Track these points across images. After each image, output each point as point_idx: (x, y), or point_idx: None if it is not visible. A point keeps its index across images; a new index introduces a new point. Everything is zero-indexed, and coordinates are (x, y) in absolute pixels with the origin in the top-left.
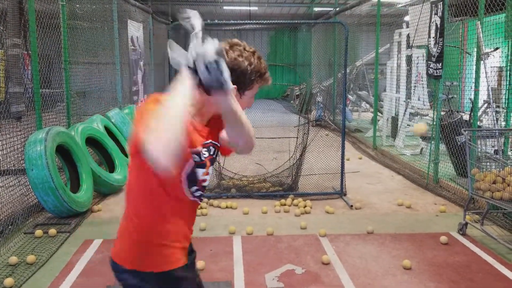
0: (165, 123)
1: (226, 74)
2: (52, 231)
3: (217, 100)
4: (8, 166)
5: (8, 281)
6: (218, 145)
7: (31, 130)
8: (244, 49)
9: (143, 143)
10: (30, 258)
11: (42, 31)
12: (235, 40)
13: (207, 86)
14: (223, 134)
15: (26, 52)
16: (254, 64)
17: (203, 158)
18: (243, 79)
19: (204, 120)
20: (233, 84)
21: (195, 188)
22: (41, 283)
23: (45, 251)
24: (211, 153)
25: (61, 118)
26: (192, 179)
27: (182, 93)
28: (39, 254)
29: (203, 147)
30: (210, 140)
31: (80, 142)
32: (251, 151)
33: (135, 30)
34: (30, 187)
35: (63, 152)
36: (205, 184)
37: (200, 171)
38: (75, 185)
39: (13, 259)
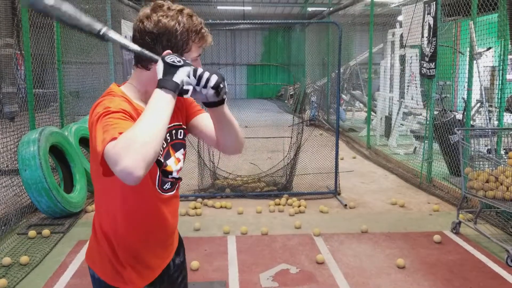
0: (142, 133)
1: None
2: (46, 231)
3: (213, 112)
4: (1, 166)
5: (2, 282)
6: (184, 126)
7: (24, 131)
8: (168, 8)
9: (111, 155)
10: (24, 259)
11: (35, 30)
12: (158, 1)
13: (207, 103)
14: (206, 133)
15: (19, 52)
16: (183, 22)
17: (165, 146)
18: (174, 41)
19: None
20: (166, 49)
21: (167, 184)
22: (34, 284)
23: (39, 251)
24: (175, 137)
25: (55, 118)
26: (161, 174)
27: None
28: (32, 255)
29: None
30: (171, 124)
31: (73, 142)
32: (242, 148)
33: (128, 30)
34: (23, 187)
35: (57, 152)
36: (176, 176)
37: (167, 163)
38: (69, 186)
39: (7, 260)
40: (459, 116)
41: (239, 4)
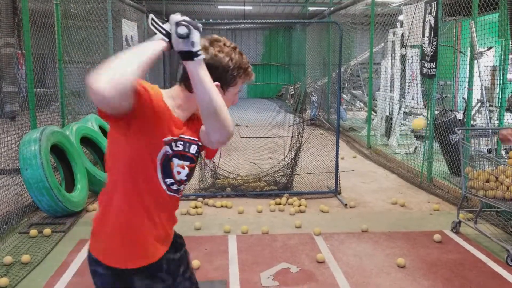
0: (115, 63)
1: (196, 38)
2: (47, 230)
3: (187, 69)
4: (3, 166)
5: (3, 281)
6: (199, 143)
7: (25, 130)
8: (224, 44)
9: (90, 83)
10: (25, 258)
11: (36, 30)
12: (215, 36)
13: (177, 50)
14: (202, 128)
15: (20, 52)
16: (236, 60)
17: (174, 149)
18: (225, 76)
19: (184, 116)
20: (215, 80)
21: (170, 180)
22: (36, 283)
23: (40, 250)
24: (187, 149)
25: (56, 118)
26: (167, 169)
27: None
28: (34, 253)
29: (179, 140)
30: (188, 136)
31: (74, 142)
32: (228, 140)
33: (129, 29)
34: (24, 186)
35: (58, 151)
36: (180, 177)
37: (175, 161)
38: (70, 185)
39: (8, 259)
40: (459, 115)
41: (240, 3)
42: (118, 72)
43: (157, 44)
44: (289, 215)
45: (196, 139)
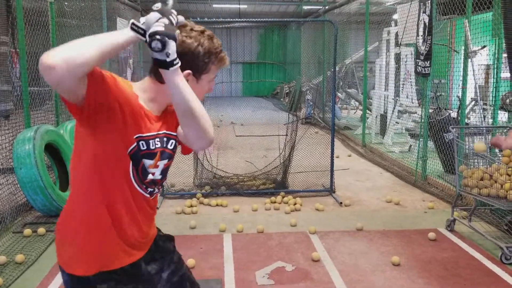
0: (74, 42)
1: (171, 49)
2: (41, 230)
3: (163, 76)
4: None
5: None
6: (176, 139)
7: (19, 129)
8: (192, 29)
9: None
10: (19, 257)
11: (30, 28)
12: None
13: (152, 57)
14: (179, 128)
15: (14, 50)
16: (206, 45)
17: (152, 147)
18: (196, 63)
19: (158, 109)
20: (186, 68)
21: (144, 180)
22: (30, 283)
23: (34, 250)
24: (165, 145)
25: (50, 117)
26: (141, 169)
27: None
28: (28, 253)
29: (156, 137)
30: (164, 131)
31: (69, 141)
32: (208, 145)
33: (124, 27)
34: (18, 186)
35: (52, 150)
36: (152, 177)
37: (146, 162)
38: (64, 184)
39: (2, 259)
40: (454, 114)
41: (235, 2)
42: (75, 50)
43: (125, 35)
44: (284, 214)
45: (174, 133)
